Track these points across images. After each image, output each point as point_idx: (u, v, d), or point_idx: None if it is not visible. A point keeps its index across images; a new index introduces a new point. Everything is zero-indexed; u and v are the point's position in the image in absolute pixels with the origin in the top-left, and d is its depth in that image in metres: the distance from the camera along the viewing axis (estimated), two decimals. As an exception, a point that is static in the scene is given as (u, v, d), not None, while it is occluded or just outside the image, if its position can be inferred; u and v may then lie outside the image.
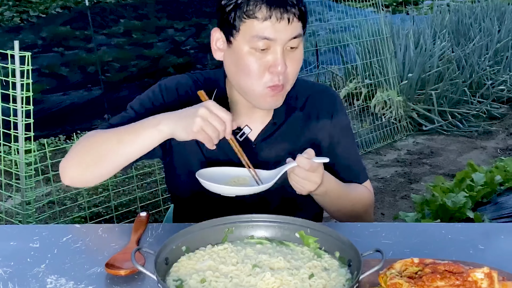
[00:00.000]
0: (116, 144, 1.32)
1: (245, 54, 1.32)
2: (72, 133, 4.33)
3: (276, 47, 1.31)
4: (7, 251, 1.29)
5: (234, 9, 1.30)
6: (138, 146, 1.31)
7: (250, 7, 1.28)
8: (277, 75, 1.32)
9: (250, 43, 1.31)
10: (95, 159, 1.35)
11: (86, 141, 1.39)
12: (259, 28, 1.29)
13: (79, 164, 1.37)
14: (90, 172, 1.37)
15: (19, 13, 6.66)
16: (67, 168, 1.39)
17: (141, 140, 1.30)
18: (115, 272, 1.17)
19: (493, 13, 7.59)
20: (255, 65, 1.32)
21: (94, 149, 1.36)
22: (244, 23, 1.30)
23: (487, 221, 2.67)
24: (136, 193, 3.59)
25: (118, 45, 6.45)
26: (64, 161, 1.40)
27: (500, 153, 4.89)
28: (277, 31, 1.29)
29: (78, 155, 1.39)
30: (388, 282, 1.03)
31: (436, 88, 5.66)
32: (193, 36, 7.05)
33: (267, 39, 1.29)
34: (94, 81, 5.89)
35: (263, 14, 1.28)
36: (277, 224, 1.24)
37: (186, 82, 1.49)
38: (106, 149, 1.34)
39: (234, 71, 1.37)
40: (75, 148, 1.40)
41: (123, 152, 1.33)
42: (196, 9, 7.26)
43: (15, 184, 3.10)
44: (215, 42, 1.40)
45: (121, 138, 1.32)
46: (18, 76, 2.83)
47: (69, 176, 1.40)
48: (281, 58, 1.31)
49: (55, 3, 6.91)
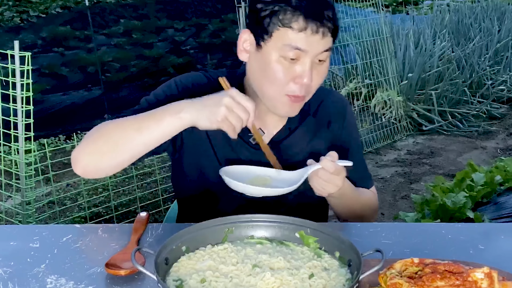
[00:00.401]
0: (134, 131, 1.28)
1: (273, 61, 1.31)
2: (72, 133, 4.32)
3: (306, 59, 1.30)
4: (7, 251, 1.29)
5: (270, 15, 1.29)
6: (158, 134, 1.27)
7: (287, 16, 1.27)
8: (301, 86, 1.32)
9: (281, 51, 1.29)
10: (112, 147, 1.29)
11: (102, 129, 1.33)
12: (292, 38, 1.28)
13: (94, 152, 1.31)
14: (106, 160, 1.31)
15: (19, 13, 6.66)
16: (80, 156, 1.33)
17: (161, 127, 1.26)
18: (115, 272, 1.17)
19: (493, 13, 7.60)
20: (282, 74, 1.31)
21: (110, 137, 1.30)
22: (277, 31, 1.29)
23: (487, 221, 2.67)
24: (136, 193, 3.59)
25: (118, 45, 6.45)
26: (77, 150, 1.33)
27: (500, 153, 4.89)
28: (310, 44, 1.28)
29: (93, 143, 1.32)
30: (388, 282, 1.03)
31: (436, 88, 5.66)
32: (193, 36, 7.05)
33: (299, 50, 1.28)
34: (94, 81, 5.89)
35: (299, 25, 1.27)
36: (277, 224, 1.24)
37: (201, 80, 1.48)
38: (123, 136, 1.29)
39: (259, 76, 1.36)
40: (90, 136, 1.34)
41: (141, 140, 1.28)
42: (196, 9, 7.26)
43: (15, 184, 3.10)
44: (242, 43, 1.38)
45: (140, 125, 1.27)
46: (18, 76, 2.83)
47: (82, 164, 1.33)
48: (309, 70, 1.30)
49: (55, 3, 6.91)
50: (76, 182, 4.03)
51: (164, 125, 1.26)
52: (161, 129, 1.26)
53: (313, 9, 1.27)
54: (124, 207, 3.60)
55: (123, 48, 6.43)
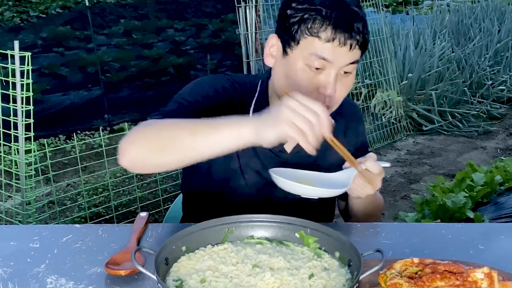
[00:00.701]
0: (188, 134, 1.18)
1: (298, 69, 1.30)
2: (72, 133, 4.33)
3: (331, 70, 1.28)
4: (7, 251, 1.29)
5: (299, 22, 1.27)
6: (212, 143, 1.15)
7: (315, 25, 1.25)
8: (325, 97, 1.31)
9: (306, 59, 1.28)
10: (162, 144, 1.20)
11: (155, 125, 1.24)
12: (319, 48, 1.26)
13: (143, 146, 1.22)
14: (154, 157, 1.22)
15: (19, 13, 6.66)
16: (128, 148, 1.23)
17: (216, 137, 1.15)
18: (115, 272, 1.17)
19: (493, 13, 7.60)
20: (306, 83, 1.30)
21: (162, 134, 1.21)
22: (305, 39, 1.27)
23: (487, 221, 2.67)
24: (136, 193, 3.59)
25: (118, 45, 6.45)
26: (126, 141, 1.23)
27: (500, 153, 4.89)
28: (337, 55, 1.27)
29: (144, 137, 1.23)
30: (388, 282, 1.03)
31: (436, 88, 5.66)
32: (193, 36, 7.05)
33: (325, 60, 1.27)
34: (94, 81, 5.89)
35: (327, 35, 1.25)
36: (277, 224, 1.24)
37: (225, 81, 1.46)
38: (176, 136, 1.19)
39: (283, 82, 1.35)
40: (141, 130, 1.25)
41: (193, 145, 1.17)
42: (196, 9, 7.26)
43: (15, 184, 3.10)
44: (269, 48, 1.37)
45: (196, 130, 1.17)
46: (18, 76, 2.83)
47: (129, 157, 1.23)
48: (333, 81, 1.29)
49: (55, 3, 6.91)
50: (76, 182, 4.03)
51: (221, 135, 1.15)
52: (216, 138, 1.15)
53: (343, 20, 1.25)
54: (124, 207, 3.60)
55: (123, 48, 6.43)
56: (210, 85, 1.43)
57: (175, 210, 1.82)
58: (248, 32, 4.19)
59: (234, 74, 1.53)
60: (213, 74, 1.50)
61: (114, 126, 5.57)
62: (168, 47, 6.76)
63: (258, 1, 4.24)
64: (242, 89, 1.45)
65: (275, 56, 1.37)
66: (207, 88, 1.42)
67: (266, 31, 4.66)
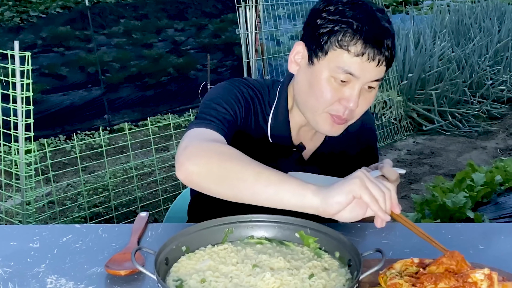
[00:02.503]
0: (252, 176, 1.11)
1: (323, 79, 1.29)
2: (72, 133, 4.33)
3: (356, 84, 1.27)
4: (7, 251, 1.29)
5: (328, 33, 1.26)
6: (273, 195, 1.08)
7: (346, 38, 1.24)
8: (345, 109, 1.30)
9: (333, 72, 1.27)
10: (224, 176, 1.14)
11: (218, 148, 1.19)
12: (347, 61, 1.25)
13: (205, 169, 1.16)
14: (212, 185, 1.16)
15: (19, 13, 6.66)
16: (188, 164, 1.17)
17: (280, 191, 1.08)
18: (115, 272, 1.17)
19: (493, 13, 7.60)
20: (329, 94, 1.29)
21: (226, 165, 1.15)
22: (334, 51, 1.27)
23: (487, 221, 2.67)
24: (136, 193, 3.59)
25: (118, 45, 6.45)
26: (185, 154, 1.18)
27: (500, 153, 4.89)
28: (363, 70, 1.26)
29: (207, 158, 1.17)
30: (388, 282, 1.03)
31: (436, 88, 5.66)
32: (193, 36, 7.04)
33: (351, 75, 1.26)
34: (94, 81, 5.89)
35: (356, 49, 1.24)
36: (277, 224, 1.24)
37: (247, 86, 1.45)
38: (239, 173, 1.13)
39: (306, 90, 1.34)
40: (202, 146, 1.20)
41: (254, 189, 1.11)
42: (196, 9, 7.26)
43: (15, 184, 3.10)
44: (294, 55, 1.37)
45: (260, 175, 1.11)
46: (18, 76, 2.84)
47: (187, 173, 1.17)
48: (356, 95, 1.28)
49: (55, 3, 6.90)
50: (76, 182, 4.03)
51: (284, 191, 1.07)
52: (279, 192, 1.08)
53: (374, 36, 1.24)
54: (124, 207, 3.60)
55: (123, 48, 6.42)
56: (238, 90, 1.42)
57: (175, 210, 1.82)
58: (248, 32, 4.19)
59: (248, 78, 1.53)
60: (233, 79, 1.48)
61: (114, 126, 5.57)
62: (168, 47, 6.76)
63: (258, 1, 4.24)
64: (261, 94, 1.45)
65: (300, 64, 1.37)
66: (237, 92, 1.42)
67: (266, 31, 4.67)
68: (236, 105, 1.38)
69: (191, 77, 6.53)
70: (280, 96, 1.45)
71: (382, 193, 1.03)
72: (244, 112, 1.40)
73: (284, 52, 5.05)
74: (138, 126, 5.51)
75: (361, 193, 1.01)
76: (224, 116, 1.34)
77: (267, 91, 1.46)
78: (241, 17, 4.15)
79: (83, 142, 4.88)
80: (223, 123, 1.32)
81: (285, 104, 1.44)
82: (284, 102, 1.44)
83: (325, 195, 1.03)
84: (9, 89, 2.89)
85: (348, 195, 1.01)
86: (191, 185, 1.22)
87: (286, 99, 1.44)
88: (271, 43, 5.10)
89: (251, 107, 1.42)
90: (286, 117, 1.44)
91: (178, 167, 1.18)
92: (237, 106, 1.38)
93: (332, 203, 1.02)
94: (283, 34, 6.03)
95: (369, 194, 1.01)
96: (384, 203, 1.03)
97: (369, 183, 1.03)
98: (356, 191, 1.01)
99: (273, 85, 1.48)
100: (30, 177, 3.00)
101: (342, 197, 1.01)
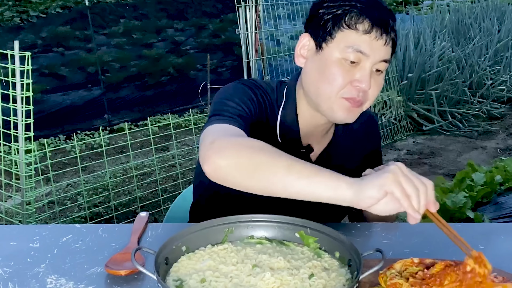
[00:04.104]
0: (284, 168, 1.09)
1: (333, 62, 1.30)
2: (72, 133, 4.33)
3: (366, 64, 1.28)
4: (7, 251, 1.29)
5: (334, 18, 1.29)
6: (305, 186, 1.06)
7: (352, 18, 1.27)
8: (359, 91, 1.30)
9: (343, 53, 1.28)
10: (254, 168, 1.12)
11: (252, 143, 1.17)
12: (356, 40, 1.27)
13: (234, 162, 1.14)
14: (241, 178, 1.14)
15: (19, 13, 6.66)
16: (216, 158, 1.14)
17: (313, 182, 1.06)
18: (115, 272, 1.17)
19: (493, 13, 7.61)
20: (340, 76, 1.30)
21: (257, 157, 1.12)
22: (342, 32, 1.28)
23: (487, 221, 2.67)
24: (136, 193, 3.59)
25: (118, 45, 6.45)
26: (212, 149, 1.16)
27: (500, 153, 4.89)
28: (373, 49, 1.27)
29: (236, 150, 1.15)
30: (388, 282, 1.03)
31: (436, 88, 5.66)
32: (193, 36, 7.04)
33: (361, 53, 1.27)
34: (94, 81, 5.89)
35: (364, 27, 1.26)
36: (277, 224, 1.24)
37: (257, 86, 1.45)
38: (271, 165, 1.10)
39: (316, 77, 1.34)
40: (229, 140, 1.18)
41: (286, 181, 1.09)
42: (196, 9, 7.26)
43: (15, 184, 3.10)
44: (300, 48, 1.38)
45: (292, 167, 1.09)
46: (18, 76, 2.84)
47: (215, 166, 1.14)
48: (368, 75, 1.29)
49: (55, 3, 6.91)
50: (76, 182, 4.03)
51: (318, 182, 1.05)
52: (312, 183, 1.06)
53: (379, 16, 1.27)
54: (124, 207, 3.60)
55: (123, 48, 6.43)
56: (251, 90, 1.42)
57: (175, 210, 1.82)
58: (248, 32, 4.19)
59: (256, 78, 1.52)
60: (242, 79, 1.48)
61: (114, 126, 5.57)
62: (168, 47, 6.76)
63: (258, 1, 4.24)
64: (269, 95, 1.45)
65: (306, 56, 1.37)
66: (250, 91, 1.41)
67: (266, 31, 4.66)
68: (251, 103, 1.38)
69: (191, 77, 6.53)
70: (289, 96, 1.45)
71: (416, 189, 0.99)
72: (257, 111, 1.39)
73: (284, 52, 5.05)
74: (138, 126, 5.51)
75: (393, 189, 0.98)
76: (240, 113, 1.33)
77: (275, 92, 1.46)
78: (241, 17, 4.15)
79: (83, 142, 4.88)
80: (242, 119, 1.32)
81: (293, 105, 1.44)
82: (293, 102, 1.44)
83: (358, 188, 1.01)
84: (9, 89, 2.89)
85: (381, 190, 0.99)
86: (218, 180, 1.18)
87: (294, 100, 1.44)
88: (271, 43, 5.10)
89: (262, 107, 1.42)
90: (295, 118, 1.44)
91: (205, 161, 1.15)
92: (251, 104, 1.38)
93: (364, 197, 1.00)
94: (283, 34, 6.02)
95: (401, 190, 0.98)
96: (418, 199, 0.99)
97: (402, 178, 0.99)
98: (388, 186, 0.98)
99: (280, 85, 1.48)
100: (30, 177, 3.00)
101: (375, 191, 0.99)
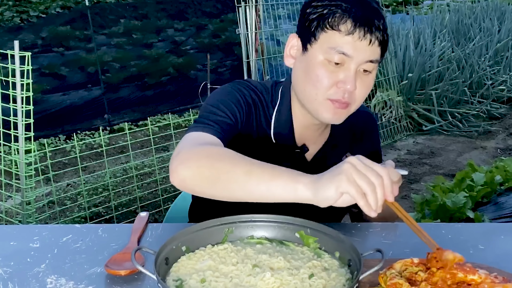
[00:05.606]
0: (243, 174, 1.11)
1: (317, 64, 1.30)
2: (72, 133, 4.33)
3: (351, 65, 1.28)
4: (7, 251, 1.29)
5: (318, 18, 1.28)
6: (265, 190, 1.09)
7: (335, 19, 1.26)
8: (344, 92, 1.30)
9: (326, 54, 1.28)
10: (215, 177, 1.14)
11: (212, 152, 1.19)
12: (338, 41, 1.26)
13: (197, 172, 1.16)
14: (205, 187, 1.17)
15: (19, 13, 6.66)
16: (181, 169, 1.17)
17: (271, 185, 1.08)
18: (115, 272, 1.17)
19: (493, 13, 7.61)
20: (325, 77, 1.29)
21: (217, 165, 1.15)
22: (325, 33, 1.28)
23: (487, 221, 2.67)
24: (136, 193, 3.59)
25: (118, 45, 6.45)
26: (178, 160, 1.18)
27: (500, 153, 4.89)
28: (356, 49, 1.26)
29: (197, 160, 1.17)
30: (388, 282, 1.03)
31: (436, 88, 5.66)
32: (193, 36, 7.04)
33: (344, 55, 1.26)
34: (94, 81, 5.89)
35: (346, 28, 1.25)
36: (277, 224, 1.24)
37: (249, 88, 1.45)
38: (230, 172, 1.13)
39: (302, 78, 1.35)
40: (193, 150, 1.20)
41: (246, 186, 1.11)
42: (196, 9, 7.26)
43: (15, 184, 3.10)
44: (289, 49, 1.38)
45: (251, 171, 1.11)
46: (18, 76, 2.84)
47: (181, 177, 1.17)
48: (352, 77, 1.28)
49: (55, 3, 6.91)
50: (76, 182, 4.03)
51: (276, 185, 1.08)
52: (270, 186, 1.08)
53: (363, 15, 1.26)
54: (124, 207, 3.60)
55: (123, 48, 6.43)
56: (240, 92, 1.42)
57: (175, 210, 1.82)
58: (248, 32, 4.19)
59: (250, 79, 1.52)
60: (236, 81, 1.48)
61: (114, 126, 5.58)
62: (168, 47, 6.76)
63: (258, 1, 4.24)
64: (264, 95, 1.45)
65: (295, 56, 1.37)
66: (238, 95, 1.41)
67: (266, 31, 4.66)
68: (237, 108, 1.38)
69: (191, 77, 6.53)
70: (283, 96, 1.45)
71: (371, 184, 1.00)
72: (246, 114, 1.39)
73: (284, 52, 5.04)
74: (138, 126, 5.52)
75: (348, 189, 1.00)
76: (223, 119, 1.34)
77: (269, 92, 1.46)
78: (241, 17, 4.15)
79: (83, 142, 4.88)
80: (221, 126, 1.32)
81: (288, 105, 1.44)
82: (287, 102, 1.44)
83: (315, 190, 1.03)
84: (9, 89, 2.89)
85: (336, 191, 1.01)
86: (185, 190, 1.22)
87: (289, 100, 1.44)
88: (271, 43, 5.10)
89: (253, 109, 1.42)
90: (289, 118, 1.44)
91: (171, 173, 1.18)
92: (238, 109, 1.38)
93: (322, 199, 1.03)
94: (283, 34, 6.02)
95: (356, 189, 0.99)
96: (374, 195, 1.00)
97: (356, 175, 1.00)
98: (343, 187, 1.00)
99: (275, 86, 1.48)
100: (30, 177, 3.00)
101: (331, 192, 1.01)
